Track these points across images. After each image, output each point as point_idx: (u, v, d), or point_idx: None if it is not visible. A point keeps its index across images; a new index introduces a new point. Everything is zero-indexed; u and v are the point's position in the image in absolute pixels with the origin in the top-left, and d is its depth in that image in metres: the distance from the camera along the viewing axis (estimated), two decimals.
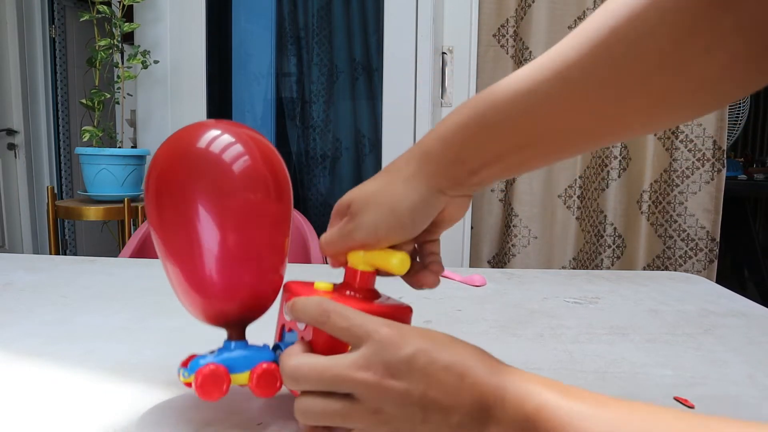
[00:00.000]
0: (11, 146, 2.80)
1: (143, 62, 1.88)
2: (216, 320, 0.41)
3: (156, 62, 1.95)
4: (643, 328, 0.67)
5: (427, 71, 1.88)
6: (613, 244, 1.87)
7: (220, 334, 0.42)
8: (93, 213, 1.78)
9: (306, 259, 1.37)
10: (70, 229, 3.29)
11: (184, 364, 0.40)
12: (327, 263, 0.44)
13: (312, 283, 0.41)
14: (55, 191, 2.00)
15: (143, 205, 1.82)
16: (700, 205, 1.81)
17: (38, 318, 0.65)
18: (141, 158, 1.87)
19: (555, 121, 0.35)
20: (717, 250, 1.82)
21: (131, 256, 1.29)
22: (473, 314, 0.71)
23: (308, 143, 2.60)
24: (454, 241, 1.97)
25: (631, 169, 1.86)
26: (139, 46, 1.94)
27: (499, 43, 1.92)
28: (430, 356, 0.32)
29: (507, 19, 1.90)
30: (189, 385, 0.39)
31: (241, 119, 2.59)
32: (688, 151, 1.80)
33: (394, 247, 0.40)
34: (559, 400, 0.29)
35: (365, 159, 2.52)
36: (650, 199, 1.83)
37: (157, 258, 0.41)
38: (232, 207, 0.38)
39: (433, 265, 0.43)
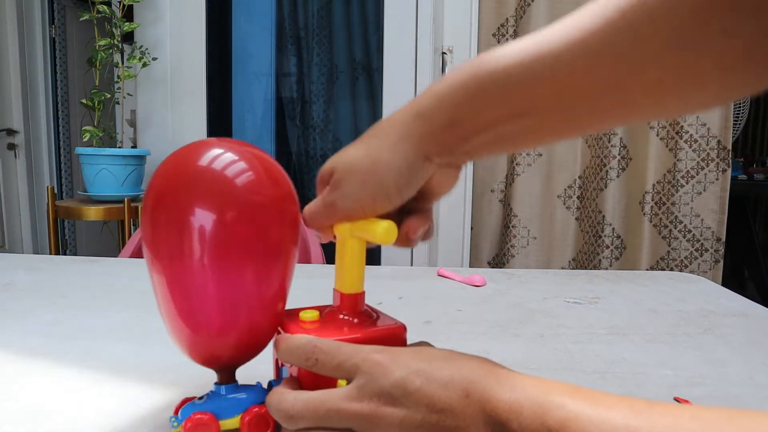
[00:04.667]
0: (11, 146, 2.80)
1: (141, 59, 1.88)
2: (207, 362, 0.38)
3: (155, 59, 1.95)
4: (643, 328, 0.67)
5: (427, 71, 1.88)
6: (612, 244, 1.87)
7: None
8: (93, 213, 1.78)
9: (306, 259, 1.37)
10: (70, 229, 3.29)
11: (176, 410, 0.38)
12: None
13: (297, 313, 0.39)
14: (55, 191, 2.00)
15: (143, 205, 1.82)
16: (706, 206, 1.81)
17: (38, 318, 0.65)
18: (141, 158, 1.87)
19: (562, 89, 0.32)
20: (723, 251, 1.82)
21: (131, 256, 1.28)
22: (473, 314, 0.71)
23: (308, 143, 2.60)
24: (454, 241, 1.97)
25: (631, 170, 1.86)
26: (137, 43, 1.94)
27: (498, 42, 1.92)
28: (426, 376, 0.29)
29: (507, 19, 1.90)
30: None
31: (241, 119, 2.59)
32: (692, 151, 1.80)
33: (380, 217, 0.37)
34: (586, 409, 0.26)
35: None
36: (653, 200, 1.82)
37: None
38: (233, 225, 0.35)
39: (421, 213, 0.39)
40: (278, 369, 0.39)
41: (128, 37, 1.99)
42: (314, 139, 2.59)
